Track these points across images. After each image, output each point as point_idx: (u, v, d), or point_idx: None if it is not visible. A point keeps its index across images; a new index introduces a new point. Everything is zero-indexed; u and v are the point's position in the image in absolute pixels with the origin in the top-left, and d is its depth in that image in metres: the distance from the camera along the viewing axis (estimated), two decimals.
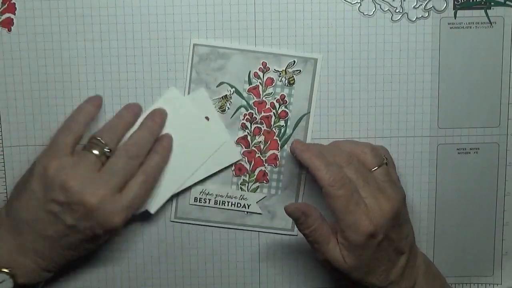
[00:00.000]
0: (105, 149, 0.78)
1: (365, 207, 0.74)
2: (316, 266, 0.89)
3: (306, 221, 0.76)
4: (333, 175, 0.74)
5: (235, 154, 0.86)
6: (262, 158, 0.85)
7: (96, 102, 0.82)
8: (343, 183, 0.74)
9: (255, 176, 0.86)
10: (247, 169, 0.86)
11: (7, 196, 0.87)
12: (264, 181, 0.87)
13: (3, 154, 0.86)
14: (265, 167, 0.86)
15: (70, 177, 0.75)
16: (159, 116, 0.83)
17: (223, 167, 0.86)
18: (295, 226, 0.80)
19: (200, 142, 0.85)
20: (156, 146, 0.82)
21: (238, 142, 0.86)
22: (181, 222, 0.88)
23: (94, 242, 0.79)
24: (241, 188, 0.87)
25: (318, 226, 0.76)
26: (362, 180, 0.75)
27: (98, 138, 0.78)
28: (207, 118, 0.85)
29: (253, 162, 0.86)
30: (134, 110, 0.83)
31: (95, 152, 0.78)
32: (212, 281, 0.90)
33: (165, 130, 0.84)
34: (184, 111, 0.84)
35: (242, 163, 0.86)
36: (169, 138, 0.83)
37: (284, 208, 0.76)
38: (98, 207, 0.75)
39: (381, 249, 0.76)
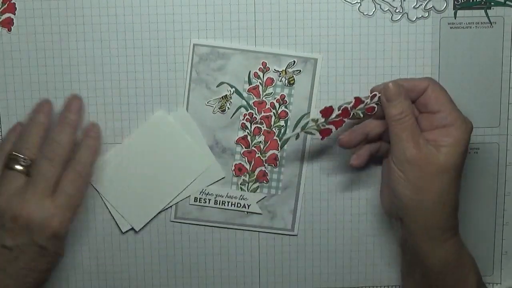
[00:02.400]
0: (24, 162, 0.76)
1: None
2: (316, 266, 0.89)
3: (403, 103, 0.76)
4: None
5: (219, 172, 0.87)
6: (262, 158, 0.85)
7: (46, 109, 0.81)
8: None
9: (255, 176, 0.86)
10: (247, 169, 0.86)
11: None
12: (264, 181, 0.87)
13: None
14: (265, 167, 0.86)
15: None
16: (74, 106, 0.81)
17: (208, 185, 0.87)
18: (295, 225, 0.80)
19: (186, 163, 0.86)
20: (85, 139, 0.81)
21: (238, 142, 0.86)
22: (181, 222, 0.88)
23: (45, 259, 0.77)
24: (241, 188, 0.87)
25: (411, 114, 0.76)
26: None
27: (15, 153, 0.77)
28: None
29: (253, 162, 0.86)
30: (44, 109, 0.81)
31: (17, 167, 0.76)
32: (212, 281, 0.90)
33: (152, 151, 0.85)
34: (170, 133, 0.85)
35: (242, 163, 0.86)
36: (96, 128, 0.83)
37: (385, 87, 0.77)
38: (30, 217, 0.74)
39: (462, 167, 0.77)
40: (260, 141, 0.85)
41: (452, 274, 0.78)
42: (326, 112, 0.78)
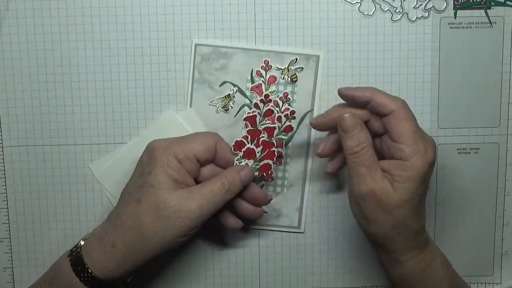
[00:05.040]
0: None
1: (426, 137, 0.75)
2: (316, 266, 0.89)
3: (359, 135, 0.74)
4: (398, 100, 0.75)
5: None
6: None
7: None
8: (409, 109, 0.75)
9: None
10: None
11: (6, 197, 0.87)
12: (269, 179, 0.87)
13: (3, 154, 0.86)
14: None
15: None
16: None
17: None
18: (302, 222, 0.81)
19: None
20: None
21: None
22: None
23: None
24: None
25: (369, 145, 0.74)
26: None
27: None
28: None
29: None
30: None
31: None
32: (212, 281, 0.89)
33: None
34: (179, 133, 0.83)
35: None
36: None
37: (340, 118, 0.75)
38: None
39: (424, 194, 0.75)
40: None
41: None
42: (249, 154, 0.79)
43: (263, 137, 0.78)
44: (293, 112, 0.81)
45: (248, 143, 0.79)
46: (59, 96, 0.85)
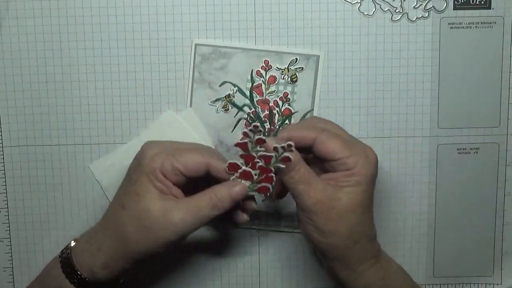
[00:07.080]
0: None
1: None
2: (316, 266, 0.89)
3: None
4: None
5: None
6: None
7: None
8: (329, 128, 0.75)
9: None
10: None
11: (7, 196, 0.87)
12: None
13: (3, 154, 0.86)
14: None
15: None
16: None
17: None
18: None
19: None
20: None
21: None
22: None
23: None
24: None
25: (299, 162, 0.72)
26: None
27: None
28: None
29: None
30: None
31: None
32: (212, 281, 0.89)
33: None
34: (179, 132, 0.84)
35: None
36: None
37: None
38: None
39: (372, 196, 0.74)
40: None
41: None
42: (246, 175, 0.74)
43: (258, 162, 0.73)
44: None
45: (243, 166, 0.74)
46: (59, 96, 0.85)
